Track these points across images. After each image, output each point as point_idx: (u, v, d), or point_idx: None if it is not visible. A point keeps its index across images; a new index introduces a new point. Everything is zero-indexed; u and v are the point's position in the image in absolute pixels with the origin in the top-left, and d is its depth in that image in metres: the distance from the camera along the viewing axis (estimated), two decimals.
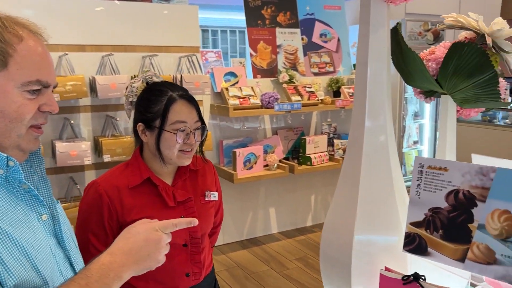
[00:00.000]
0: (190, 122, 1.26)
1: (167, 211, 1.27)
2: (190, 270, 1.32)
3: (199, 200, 1.36)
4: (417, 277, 1.11)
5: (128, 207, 1.24)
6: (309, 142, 3.86)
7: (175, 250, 1.28)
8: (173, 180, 1.34)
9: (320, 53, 4.42)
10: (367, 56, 1.27)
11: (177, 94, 1.27)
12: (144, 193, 1.27)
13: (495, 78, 1.18)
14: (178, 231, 1.26)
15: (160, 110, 1.24)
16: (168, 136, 1.24)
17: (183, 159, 1.28)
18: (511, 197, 1.03)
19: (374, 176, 1.27)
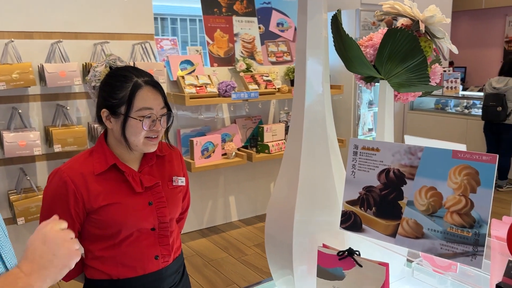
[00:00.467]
0: (156, 109, 1.25)
1: (134, 197, 1.28)
2: (159, 252, 1.33)
3: (167, 185, 1.36)
4: (351, 252, 1.17)
5: (95, 193, 1.23)
6: (267, 130, 3.90)
7: (142, 234, 1.29)
8: (139, 166, 1.33)
9: (278, 42, 4.45)
10: (305, 44, 1.30)
11: (142, 80, 1.24)
12: (110, 179, 1.27)
13: (424, 62, 1.24)
14: (146, 216, 1.28)
15: (126, 96, 1.22)
16: (134, 123, 1.22)
17: (149, 146, 1.27)
18: (436, 175, 1.09)
19: (313, 157, 1.31)
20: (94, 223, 1.26)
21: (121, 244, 1.27)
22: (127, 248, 1.28)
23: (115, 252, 1.27)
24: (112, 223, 1.25)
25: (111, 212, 1.24)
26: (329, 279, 1.21)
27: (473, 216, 1.03)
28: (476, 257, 1.01)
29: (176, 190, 1.39)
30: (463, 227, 1.04)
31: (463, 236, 1.04)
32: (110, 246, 1.27)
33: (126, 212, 1.25)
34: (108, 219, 1.24)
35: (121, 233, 1.26)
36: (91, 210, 1.24)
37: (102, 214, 1.24)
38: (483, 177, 1.02)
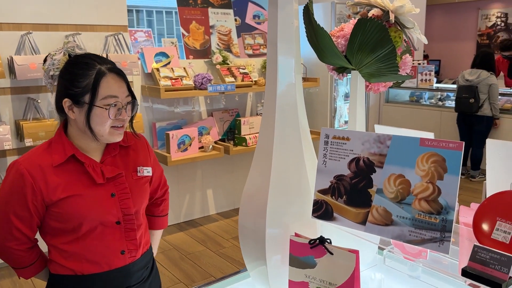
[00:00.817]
0: (121, 97, 1.21)
1: (95, 188, 1.23)
2: (125, 247, 1.29)
3: (131, 176, 1.32)
4: (322, 240, 1.18)
5: (53, 186, 1.19)
6: (244, 123, 3.89)
7: (107, 228, 1.25)
8: (102, 156, 1.28)
9: (254, 34, 4.44)
10: (276, 33, 1.29)
11: (105, 67, 1.20)
12: (70, 171, 1.22)
13: (393, 52, 1.25)
14: (109, 208, 1.24)
15: (90, 84, 1.18)
16: (99, 112, 1.18)
17: (115, 135, 1.24)
18: (405, 162, 1.11)
19: (286, 147, 1.31)
20: (54, 217, 1.22)
21: (85, 239, 1.24)
22: (91, 242, 1.24)
23: (79, 247, 1.24)
24: (73, 216, 1.21)
25: (71, 205, 1.20)
26: (301, 267, 1.21)
27: (440, 203, 1.05)
28: (443, 243, 1.03)
29: (141, 181, 1.34)
30: (430, 213, 1.06)
31: (430, 223, 1.06)
32: (73, 240, 1.24)
33: (86, 204, 1.21)
34: (68, 212, 1.20)
35: (83, 227, 1.22)
36: (50, 203, 1.20)
37: (62, 207, 1.20)
38: (450, 164, 1.04)
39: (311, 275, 1.20)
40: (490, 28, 8.77)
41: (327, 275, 1.17)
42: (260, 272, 1.37)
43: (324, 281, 1.17)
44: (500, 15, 8.56)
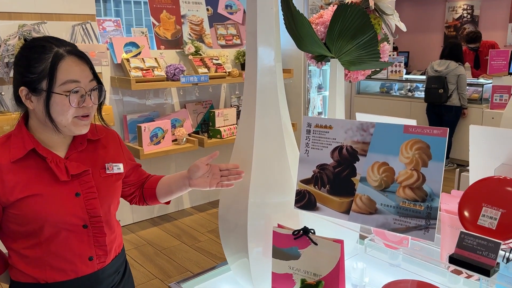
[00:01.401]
0: (84, 82, 1.09)
1: (58, 186, 1.11)
2: (94, 253, 1.17)
3: (99, 173, 1.19)
4: (306, 231, 1.15)
5: (10, 185, 1.06)
6: (218, 115, 3.83)
7: (73, 232, 1.13)
8: (67, 151, 1.16)
9: (227, 25, 4.37)
10: (256, 21, 1.25)
11: (64, 49, 1.07)
12: (30, 167, 1.10)
13: (375, 38, 1.24)
14: (73, 210, 1.11)
15: (46, 69, 1.05)
16: (59, 99, 1.06)
17: (80, 127, 1.11)
18: (388, 150, 1.09)
19: (267, 138, 1.28)
20: (13, 219, 1.10)
21: (48, 243, 1.11)
22: (56, 247, 1.12)
23: (41, 252, 1.12)
24: (32, 218, 1.08)
25: (30, 205, 1.07)
26: (285, 259, 1.19)
27: (425, 190, 1.04)
28: (428, 230, 1.03)
29: (111, 179, 1.21)
30: (415, 201, 1.05)
31: (415, 210, 1.05)
32: (35, 244, 1.11)
33: (47, 205, 1.09)
34: (27, 213, 1.08)
35: (45, 230, 1.10)
36: (7, 203, 1.08)
37: (20, 208, 1.07)
38: (434, 151, 1.03)
39: (295, 267, 1.17)
40: (457, 20, 8.98)
41: (311, 266, 1.14)
42: (242, 265, 1.34)
43: (309, 272, 1.15)
44: (466, 7, 8.78)
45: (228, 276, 1.48)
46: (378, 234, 1.50)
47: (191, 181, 1.30)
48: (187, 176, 1.31)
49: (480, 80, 5.76)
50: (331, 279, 1.12)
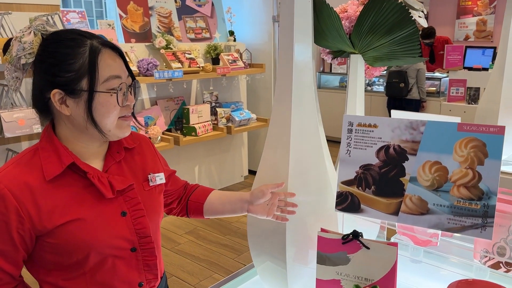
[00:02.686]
0: (124, 77, 0.96)
1: (104, 205, 0.96)
2: (144, 278, 1.03)
3: (142, 187, 1.05)
4: (356, 235, 1.11)
5: (47, 209, 0.91)
6: (193, 111, 3.70)
7: (119, 257, 0.98)
8: (103, 163, 1.01)
9: (195, 17, 4.23)
10: (292, 17, 1.17)
11: (97, 41, 0.94)
12: (67, 186, 0.94)
13: (416, 34, 1.21)
14: (121, 232, 0.97)
15: (85, 65, 0.91)
16: (104, 99, 0.93)
17: (124, 128, 0.98)
18: (441, 149, 1.07)
19: (304, 135, 1.22)
20: (51, 248, 0.93)
21: (94, 273, 0.96)
22: (102, 277, 0.97)
23: (86, 284, 0.96)
24: (76, 247, 0.93)
25: (72, 232, 0.92)
26: (332, 264, 1.14)
27: (481, 189, 1.02)
28: (486, 229, 1.02)
29: (155, 192, 1.08)
30: (471, 200, 1.03)
31: (471, 209, 1.03)
32: (79, 275, 0.96)
33: (93, 230, 0.94)
34: (70, 242, 0.92)
35: (91, 258, 0.95)
36: (44, 232, 0.92)
37: (60, 237, 0.92)
38: (490, 149, 1.02)
39: (344, 272, 1.13)
40: None
41: (362, 271, 1.10)
42: (274, 271, 1.27)
43: (360, 277, 1.11)
44: None
45: (254, 282, 1.41)
46: (405, 235, 1.50)
47: (251, 206, 1.18)
48: (248, 200, 1.18)
49: (437, 74, 6.02)
50: (386, 282, 1.08)
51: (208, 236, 3.47)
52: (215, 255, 3.14)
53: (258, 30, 4.63)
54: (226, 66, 3.91)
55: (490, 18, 7.50)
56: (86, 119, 0.94)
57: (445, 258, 1.47)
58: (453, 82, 5.31)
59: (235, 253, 3.17)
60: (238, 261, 2.99)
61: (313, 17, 1.37)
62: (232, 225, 3.67)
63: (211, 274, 2.85)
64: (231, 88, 4.41)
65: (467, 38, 7.79)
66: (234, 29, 4.44)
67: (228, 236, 3.45)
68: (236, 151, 4.65)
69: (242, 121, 4.12)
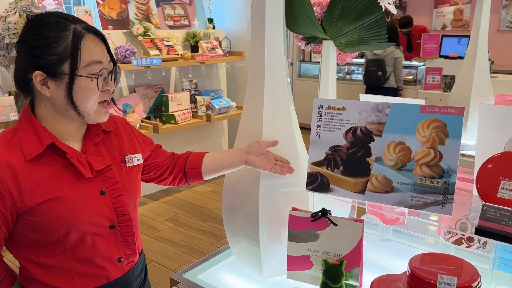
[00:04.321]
0: (105, 62, 0.98)
1: (83, 185, 0.99)
2: (123, 254, 1.07)
3: (120, 168, 1.08)
4: (325, 213, 1.16)
5: (28, 187, 0.93)
6: (172, 99, 3.70)
7: (99, 234, 1.01)
8: (82, 144, 1.04)
9: (174, 4, 4.20)
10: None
11: (81, 26, 0.96)
12: (47, 165, 0.96)
13: (383, 19, 1.25)
14: (100, 210, 1.01)
15: (68, 49, 0.93)
16: (84, 83, 0.95)
17: (103, 114, 1.01)
18: (405, 129, 1.12)
19: (276, 119, 1.25)
20: (32, 226, 0.96)
21: (75, 250, 1.00)
22: (83, 253, 1.00)
23: (67, 260, 1.00)
24: (57, 224, 0.96)
25: (53, 210, 0.95)
26: (302, 241, 1.18)
27: (442, 167, 1.08)
28: (446, 205, 1.07)
29: (132, 172, 1.11)
30: (432, 178, 1.09)
31: (433, 187, 1.09)
32: (59, 253, 0.99)
33: (73, 207, 0.96)
34: (51, 219, 0.95)
35: (71, 236, 0.98)
36: (24, 210, 0.94)
37: (41, 214, 0.94)
38: (451, 129, 1.07)
39: (313, 248, 1.17)
40: None
41: (331, 247, 1.15)
42: (248, 250, 1.32)
43: (328, 252, 1.16)
44: None
45: (229, 262, 1.45)
46: (374, 213, 1.56)
47: (249, 156, 1.21)
48: (246, 150, 1.22)
49: (414, 63, 6.13)
50: (352, 257, 1.14)
51: (188, 222, 3.50)
52: (195, 241, 3.18)
53: (237, 18, 4.64)
54: (205, 53, 3.92)
55: (467, 8, 7.64)
56: (66, 102, 0.96)
57: (413, 237, 1.54)
58: (429, 70, 5.41)
59: (215, 238, 3.21)
60: (218, 246, 3.04)
61: (285, 4, 1.40)
62: (212, 211, 3.70)
63: (191, 259, 2.89)
64: (210, 76, 4.42)
65: (444, 27, 7.93)
66: (213, 16, 4.44)
67: (208, 222, 3.49)
68: (216, 139, 4.67)
69: (221, 109, 4.14)
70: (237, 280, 1.35)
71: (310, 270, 1.18)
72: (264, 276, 1.29)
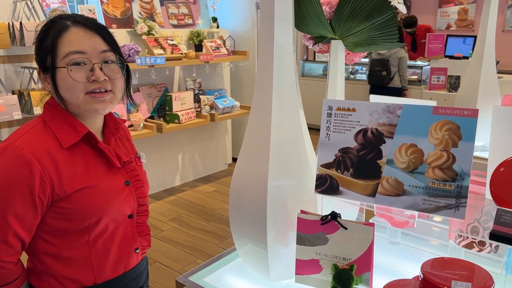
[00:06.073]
0: (92, 52, 0.97)
1: (112, 175, 1.04)
2: (139, 244, 1.12)
3: (136, 162, 1.14)
4: (334, 216, 1.13)
5: (67, 175, 0.96)
6: (176, 99, 3.68)
7: (120, 224, 1.05)
8: (103, 137, 1.08)
9: (178, 3, 4.18)
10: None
11: (72, 21, 0.98)
12: (82, 154, 1.00)
13: (394, 19, 1.23)
14: (127, 199, 1.05)
15: (49, 43, 0.97)
16: (63, 73, 0.96)
17: (96, 104, 0.99)
18: (417, 132, 1.10)
19: (284, 120, 1.23)
20: (63, 215, 0.98)
21: (96, 240, 1.03)
22: (104, 243, 1.04)
23: (89, 251, 1.02)
24: (91, 212, 0.99)
25: (90, 197, 0.98)
26: (311, 245, 1.16)
27: (455, 170, 1.06)
28: (459, 209, 1.05)
29: (143, 168, 1.19)
30: (445, 181, 1.07)
31: (445, 190, 1.07)
32: (82, 243, 1.02)
33: (108, 195, 1.01)
34: (86, 207, 0.98)
35: (99, 225, 1.01)
36: (62, 196, 0.96)
37: (77, 201, 0.97)
38: (464, 131, 1.05)
39: (323, 252, 1.15)
40: None
41: (340, 251, 1.13)
42: (255, 253, 1.30)
43: (338, 256, 1.14)
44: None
45: (236, 264, 1.43)
46: (382, 216, 1.54)
47: None
48: None
49: (418, 63, 6.09)
50: (362, 262, 1.11)
51: (192, 223, 3.48)
52: (199, 241, 3.16)
53: (241, 17, 4.61)
54: (209, 53, 3.89)
55: (472, 7, 7.59)
56: (54, 94, 1.01)
57: (422, 240, 1.51)
58: (434, 70, 5.39)
59: (219, 239, 3.19)
60: (222, 247, 3.02)
61: (294, 3, 1.38)
62: (216, 212, 3.69)
63: (195, 260, 2.87)
64: (214, 75, 4.40)
65: (449, 27, 7.88)
66: (217, 15, 4.41)
67: (211, 222, 3.48)
68: (220, 138, 4.65)
69: (225, 108, 4.12)
70: (244, 283, 1.32)
71: (319, 274, 1.16)
72: (271, 279, 1.27)
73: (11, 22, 2.61)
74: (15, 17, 2.85)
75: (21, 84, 2.95)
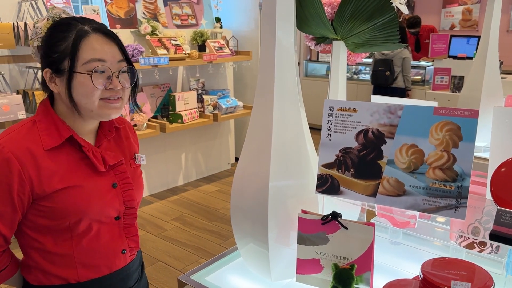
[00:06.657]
0: (111, 61, 1.00)
1: (97, 178, 1.05)
2: (127, 245, 1.12)
3: (129, 164, 1.14)
4: (335, 215, 1.14)
5: (47, 174, 0.98)
6: (179, 98, 3.70)
7: (105, 224, 1.07)
8: (96, 140, 1.10)
9: (181, 3, 4.20)
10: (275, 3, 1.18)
11: (89, 27, 1.00)
12: (66, 155, 1.02)
13: (395, 20, 1.23)
14: (111, 202, 1.06)
15: (68, 47, 0.97)
16: (82, 79, 0.98)
17: (109, 110, 1.02)
18: (417, 132, 1.10)
19: (286, 120, 1.24)
20: (44, 212, 1.00)
21: (80, 239, 1.04)
22: (88, 243, 1.05)
23: (73, 249, 1.04)
24: (71, 212, 1.00)
25: (69, 198, 1.00)
26: (311, 244, 1.17)
27: (455, 170, 1.06)
28: (459, 209, 1.06)
29: (137, 170, 1.19)
30: (445, 181, 1.07)
31: (446, 190, 1.07)
32: (65, 240, 1.03)
33: (88, 197, 1.02)
34: (65, 206, 1.00)
35: (81, 224, 1.03)
36: (41, 195, 0.99)
37: (57, 201, 0.99)
38: (465, 132, 1.05)
39: (323, 252, 1.16)
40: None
41: (341, 250, 1.14)
42: (256, 253, 1.30)
43: (338, 256, 1.14)
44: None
45: (237, 264, 1.43)
46: (383, 216, 1.54)
47: None
48: None
49: (422, 63, 6.08)
50: (363, 261, 1.12)
51: (195, 222, 3.49)
52: (201, 241, 3.17)
53: (244, 17, 4.62)
54: (213, 53, 3.90)
55: (476, 7, 7.57)
56: (66, 97, 1.01)
57: (423, 240, 1.51)
58: (438, 70, 5.37)
59: (221, 238, 3.20)
60: (224, 246, 3.03)
61: (295, 3, 1.39)
62: (219, 211, 3.70)
63: (197, 259, 2.88)
64: (217, 76, 4.41)
65: (453, 27, 7.86)
66: (220, 15, 4.42)
67: (214, 222, 3.49)
68: (223, 138, 4.66)
69: (228, 108, 4.13)
70: (245, 282, 1.33)
71: (319, 273, 1.17)
72: (272, 279, 1.28)
73: (15, 22, 2.63)
74: (19, 17, 2.87)
75: (25, 84, 2.97)
